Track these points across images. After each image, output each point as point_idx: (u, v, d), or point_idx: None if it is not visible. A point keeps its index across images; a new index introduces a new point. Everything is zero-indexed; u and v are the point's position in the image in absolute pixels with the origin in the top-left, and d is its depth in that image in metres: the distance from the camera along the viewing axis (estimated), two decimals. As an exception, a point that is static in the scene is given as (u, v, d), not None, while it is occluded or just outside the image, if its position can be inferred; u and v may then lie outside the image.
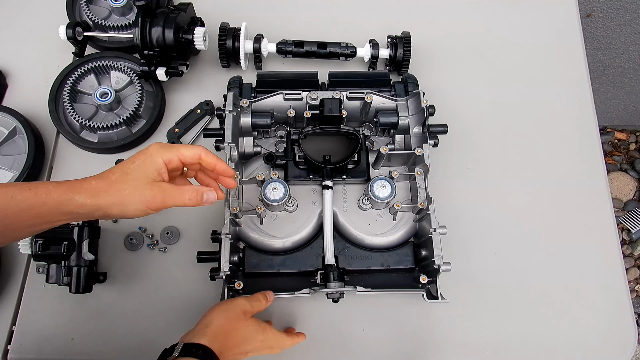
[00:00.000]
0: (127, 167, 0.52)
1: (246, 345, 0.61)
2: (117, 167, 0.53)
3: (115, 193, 0.50)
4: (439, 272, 0.66)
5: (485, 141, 0.86)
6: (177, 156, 0.54)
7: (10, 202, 0.48)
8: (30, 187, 0.49)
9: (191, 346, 0.55)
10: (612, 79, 1.63)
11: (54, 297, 0.75)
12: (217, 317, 0.59)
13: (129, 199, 0.51)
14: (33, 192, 0.49)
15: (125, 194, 0.51)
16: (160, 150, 0.53)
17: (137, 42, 0.76)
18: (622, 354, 0.75)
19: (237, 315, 0.60)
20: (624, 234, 1.82)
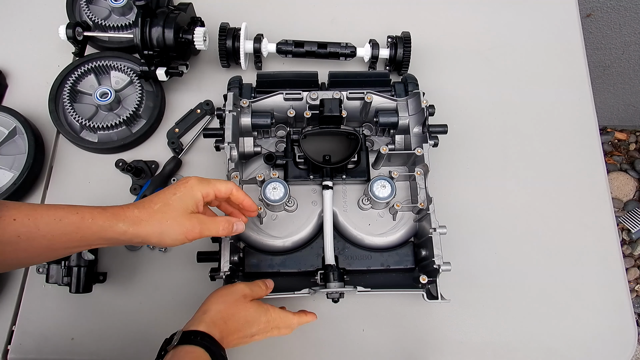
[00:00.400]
0: (168, 198, 0.54)
1: (249, 329, 0.60)
2: (158, 197, 0.55)
3: (156, 223, 0.53)
4: (439, 272, 0.66)
5: (485, 141, 0.86)
6: (213, 191, 0.58)
7: (58, 224, 0.50)
8: (77, 211, 0.51)
9: (189, 334, 0.55)
10: (612, 79, 1.63)
11: (54, 297, 0.75)
12: (215, 303, 0.60)
13: (169, 230, 0.54)
14: (80, 217, 0.50)
15: (167, 224, 0.54)
16: (199, 184, 0.57)
17: (137, 42, 0.76)
18: (622, 354, 0.75)
19: (236, 299, 0.60)
20: (624, 234, 1.82)
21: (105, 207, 0.53)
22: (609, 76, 1.62)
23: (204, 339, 0.55)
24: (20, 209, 0.49)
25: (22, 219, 0.48)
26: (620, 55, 1.51)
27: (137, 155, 0.83)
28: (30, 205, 0.50)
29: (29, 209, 0.49)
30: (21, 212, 0.48)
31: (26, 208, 0.49)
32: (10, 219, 0.48)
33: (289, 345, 0.73)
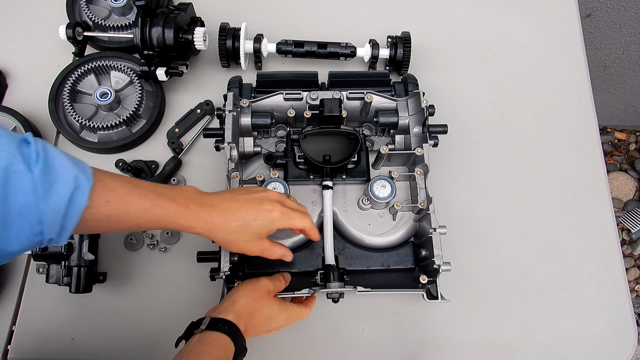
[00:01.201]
0: (249, 222, 0.58)
1: (269, 324, 0.63)
2: (240, 215, 0.57)
3: (229, 237, 0.57)
4: (439, 272, 0.66)
5: (485, 141, 0.86)
6: (290, 226, 0.61)
7: (145, 215, 0.53)
8: (163, 206, 0.53)
9: (218, 321, 0.58)
10: (612, 79, 1.63)
11: (54, 297, 0.75)
12: (243, 296, 0.62)
13: (238, 245, 0.59)
14: (165, 212, 0.53)
15: (238, 240, 0.58)
16: (280, 219, 0.59)
17: (137, 42, 0.76)
18: (622, 354, 0.75)
19: (262, 295, 0.62)
20: (624, 234, 1.82)
21: (188, 203, 0.55)
22: (609, 76, 1.62)
23: (231, 329, 0.57)
24: (115, 191, 0.51)
25: (114, 203, 0.50)
26: (620, 55, 1.51)
27: (137, 155, 0.83)
28: (124, 187, 0.52)
29: (123, 194, 0.51)
30: (115, 196, 0.51)
31: (120, 192, 0.51)
32: (104, 200, 0.50)
33: (289, 345, 0.73)
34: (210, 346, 0.55)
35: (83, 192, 0.47)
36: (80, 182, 0.47)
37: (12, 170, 0.42)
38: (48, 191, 0.44)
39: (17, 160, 0.43)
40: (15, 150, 0.43)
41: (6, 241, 0.43)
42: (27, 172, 0.43)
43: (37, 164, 0.44)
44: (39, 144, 0.45)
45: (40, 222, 0.44)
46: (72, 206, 0.46)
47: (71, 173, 0.46)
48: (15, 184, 0.43)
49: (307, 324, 0.73)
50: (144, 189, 0.53)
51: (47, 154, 0.45)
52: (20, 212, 0.43)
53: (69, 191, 0.45)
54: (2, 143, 0.43)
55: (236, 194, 0.59)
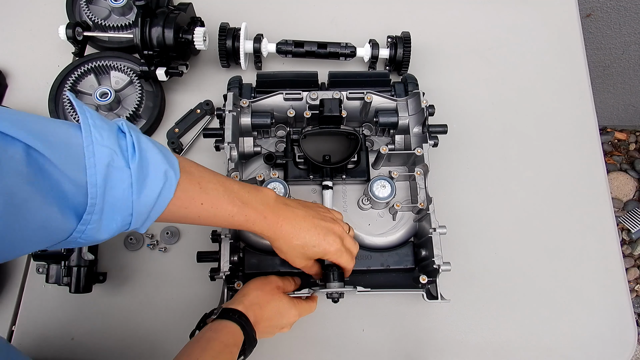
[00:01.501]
0: (308, 245, 0.60)
1: (280, 319, 0.64)
2: (303, 236, 0.60)
3: (286, 248, 0.60)
4: (438, 272, 0.66)
5: (485, 141, 0.86)
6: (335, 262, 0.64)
7: (229, 219, 0.56)
8: (246, 214, 0.56)
9: (229, 310, 0.60)
10: (612, 79, 1.63)
11: (54, 297, 0.75)
12: (254, 289, 0.64)
13: (288, 256, 0.62)
14: (245, 219, 0.56)
15: (292, 254, 0.61)
16: (333, 255, 0.62)
17: (137, 42, 0.76)
18: (622, 354, 0.75)
19: (271, 289, 0.65)
20: (624, 234, 1.82)
21: (266, 212, 0.58)
22: (609, 76, 1.62)
23: (241, 318, 0.59)
24: (209, 195, 0.53)
25: (207, 206, 0.53)
26: (620, 55, 1.51)
27: (137, 155, 0.82)
28: (217, 192, 0.54)
29: (215, 198, 0.54)
30: (209, 199, 0.53)
31: (213, 195, 0.54)
32: (199, 203, 0.52)
33: (289, 344, 0.73)
34: (220, 332, 0.57)
35: (171, 187, 0.49)
36: (169, 176, 0.48)
37: (114, 166, 0.44)
38: (142, 186, 0.46)
39: (118, 156, 0.45)
40: (115, 145, 0.45)
41: (98, 230, 0.45)
42: (126, 168, 0.45)
43: (134, 159, 0.46)
44: (132, 134, 0.47)
45: (131, 214, 0.47)
46: (159, 199, 0.48)
47: (162, 168, 0.48)
48: (115, 179, 0.44)
49: (307, 324, 0.73)
50: (233, 195, 0.55)
51: (141, 147, 0.47)
52: (115, 205, 0.45)
53: (159, 186, 0.48)
54: (104, 137, 0.44)
55: (308, 213, 0.61)
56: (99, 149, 0.43)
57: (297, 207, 0.61)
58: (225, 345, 0.56)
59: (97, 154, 0.43)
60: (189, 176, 0.52)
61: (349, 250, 0.63)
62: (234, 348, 0.57)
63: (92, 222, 0.44)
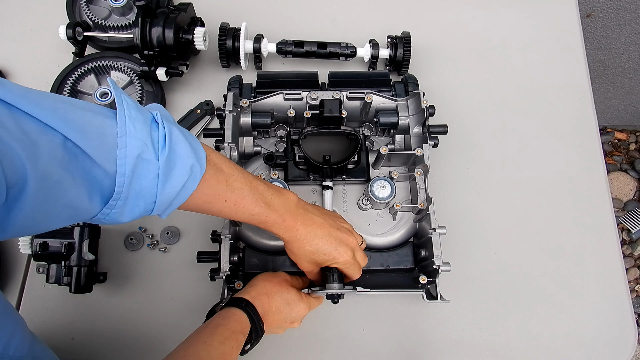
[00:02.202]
0: (319, 252, 0.61)
1: (289, 311, 0.64)
2: (316, 243, 0.61)
3: (298, 251, 0.62)
4: (438, 273, 0.66)
5: (485, 141, 0.86)
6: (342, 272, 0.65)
7: (249, 218, 0.57)
8: (267, 215, 0.57)
9: (236, 299, 0.62)
10: (612, 79, 1.63)
11: (54, 297, 0.75)
12: (262, 280, 0.65)
13: (298, 260, 0.64)
14: (265, 219, 0.58)
15: (302, 258, 0.63)
16: (341, 265, 0.63)
17: (137, 42, 0.76)
18: (622, 354, 0.75)
19: (279, 281, 0.65)
20: (624, 234, 1.82)
21: (286, 216, 0.59)
22: (609, 76, 1.62)
23: (248, 306, 0.61)
24: (234, 193, 0.55)
25: (230, 203, 0.55)
26: (620, 55, 1.51)
27: (137, 155, 0.83)
28: (242, 191, 0.55)
29: (240, 197, 0.55)
30: (233, 196, 0.55)
31: (238, 194, 0.55)
32: (222, 200, 0.54)
33: (289, 344, 0.73)
34: (227, 319, 0.58)
35: (195, 180, 0.50)
36: (194, 170, 0.50)
37: (143, 158, 0.46)
38: (167, 177, 0.47)
39: (148, 147, 0.46)
40: (147, 137, 0.46)
41: (121, 215, 0.47)
42: (155, 160, 0.47)
43: (163, 152, 0.47)
44: (165, 126, 0.48)
45: (154, 202, 0.48)
46: (182, 191, 0.49)
47: (189, 162, 0.49)
48: (142, 170, 0.46)
49: (307, 324, 0.73)
50: (257, 195, 0.57)
51: (172, 140, 0.48)
52: (140, 193, 0.47)
53: (184, 179, 0.49)
54: (137, 129, 0.46)
55: (326, 221, 0.62)
56: (131, 142, 0.45)
57: (315, 214, 0.62)
58: (232, 331, 0.57)
59: (128, 146, 0.45)
60: (218, 173, 0.53)
61: (357, 263, 0.65)
62: (240, 335, 0.58)
63: (116, 207, 0.46)
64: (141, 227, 0.78)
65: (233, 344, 0.56)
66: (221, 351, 0.55)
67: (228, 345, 0.56)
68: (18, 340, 0.46)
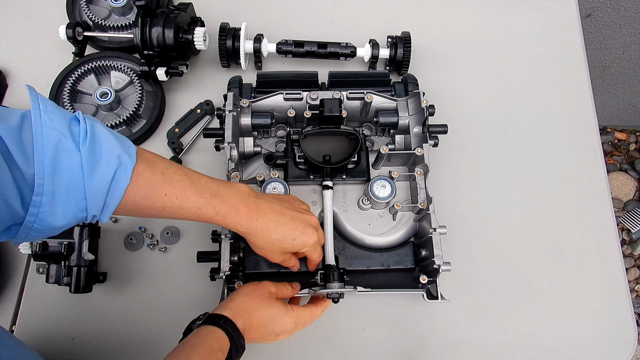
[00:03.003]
0: (287, 239, 0.60)
1: (273, 326, 0.62)
2: (282, 230, 0.59)
3: (264, 244, 0.60)
4: (439, 272, 0.66)
5: (485, 141, 0.86)
6: (309, 256, 0.65)
7: (196, 212, 0.55)
8: (214, 206, 0.55)
9: (214, 316, 0.59)
10: (612, 79, 1.63)
11: (54, 297, 0.75)
12: (241, 294, 0.62)
13: (266, 253, 0.62)
14: (215, 212, 0.55)
15: (270, 249, 0.62)
16: (310, 248, 0.62)
17: (137, 42, 0.76)
18: (622, 354, 0.75)
19: (261, 294, 0.62)
20: (624, 234, 1.82)
21: (238, 205, 0.57)
22: (609, 76, 1.62)
23: (227, 323, 0.58)
24: (174, 186, 0.53)
25: (171, 197, 0.53)
26: (620, 55, 1.51)
27: (137, 155, 0.82)
28: (183, 183, 0.54)
29: (181, 189, 0.53)
30: (174, 190, 0.53)
31: (179, 187, 0.53)
32: (162, 193, 0.52)
33: (289, 345, 0.73)
34: (204, 337, 0.56)
35: (126, 171, 0.49)
36: (123, 160, 0.48)
37: (62, 148, 0.45)
38: (93, 168, 0.46)
39: (67, 138, 0.45)
40: (66, 129, 0.46)
41: (53, 215, 0.45)
42: (76, 150, 0.46)
43: (85, 142, 0.46)
44: (87, 122, 0.47)
45: (85, 198, 0.47)
46: (115, 184, 0.48)
47: (115, 152, 0.48)
48: (64, 161, 0.45)
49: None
50: (201, 186, 0.55)
51: (94, 132, 0.47)
52: (68, 188, 0.46)
53: (112, 169, 0.47)
54: (54, 122, 0.45)
55: (284, 207, 0.61)
56: (47, 132, 0.44)
57: (272, 201, 0.60)
58: (210, 350, 0.54)
59: (45, 136, 0.44)
60: (152, 166, 0.52)
61: (320, 243, 0.64)
62: (219, 353, 0.55)
63: (43, 205, 0.44)
64: (141, 227, 0.78)
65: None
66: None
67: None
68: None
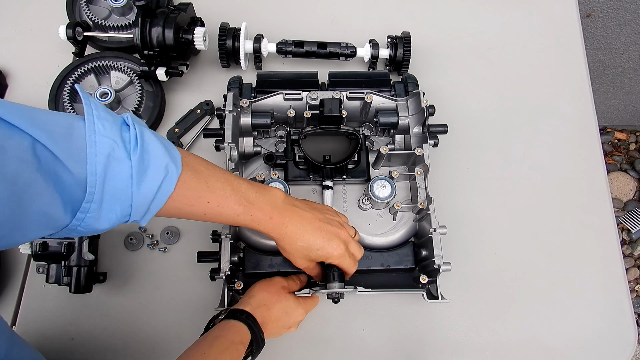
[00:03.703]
0: (312, 248, 0.61)
1: (288, 319, 0.65)
2: (308, 239, 0.60)
3: (290, 248, 0.61)
4: (439, 272, 0.66)
5: (485, 141, 0.86)
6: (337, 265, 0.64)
7: (235, 218, 0.56)
8: (251, 214, 0.56)
9: (236, 311, 0.61)
10: (612, 79, 1.63)
11: (54, 297, 0.75)
12: (260, 291, 0.65)
13: (291, 257, 0.63)
14: (251, 219, 0.57)
15: (295, 254, 0.62)
16: (336, 259, 0.62)
17: (137, 42, 0.76)
18: (622, 354, 0.75)
19: (277, 290, 0.65)
20: (624, 234, 1.82)
21: (273, 213, 0.58)
22: (609, 76, 1.62)
23: (249, 318, 0.60)
24: (216, 194, 0.54)
25: (213, 205, 0.54)
26: (620, 55, 1.51)
27: (137, 155, 0.82)
28: (224, 191, 0.55)
29: (221, 198, 0.54)
30: (216, 198, 0.54)
31: (220, 195, 0.54)
32: (205, 201, 0.53)
33: (289, 344, 0.73)
34: (227, 331, 0.58)
35: (172, 181, 0.49)
36: (170, 170, 0.49)
37: (114, 157, 0.45)
38: (141, 177, 0.47)
39: (119, 147, 0.45)
40: (117, 136, 0.46)
41: (98, 220, 0.46)
42: (127, 159, 0.46)
43: (135, 151, 0.46)
44: (137, 127, 0.47)
45: (131, 206, 0.47)
46: (159, 192, 0.48)
47: (163, 161, 0.48)
48: (115, 170, 0.45)
49: (307, 324, 0.73)
50: (240, 195, 0.56)
51: (144, 140, 0.47)
52: (115, 196, 0.46)
53: (160, 179, 0.48)
54: (107, 128, 0.45)
55: (314, 216, 0.61)
56: (101, 139, 0.44)
57: (304, 209, 0.61)
58: (231, 342, 0.57)
59: (98, 144, 0.44)
60: (197, 174, 0.52)
61: (352, 255, 0.64)
62: (240, 346, 0.57)
63: (91, 211, 0.45)
64: (141, 227, 0.78)
65: (233, 354, 0.56)
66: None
67: (227, 356, 0.55)
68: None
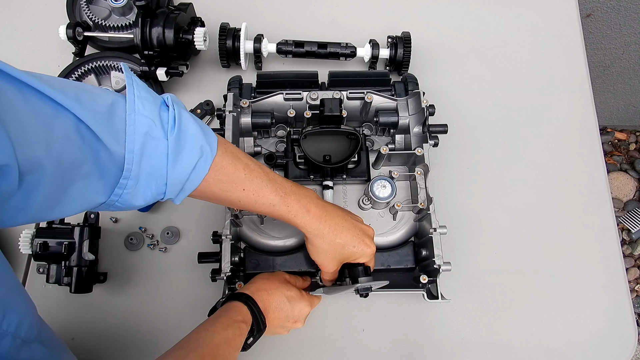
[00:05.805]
0: (348, 245, 0.61)
1: (292, 309, 0.64)
2: (345, 236, 0.60)
3: (327, 247, 0.61)
4: (439, 272, 0.66)
5: (485, 141, 0.86)
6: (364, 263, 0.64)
7: (270, 208, 0.57)
8: (288, 205, 0.57)
9: (236, 294, 0.62)
10: (612, 79, 1.63)
11: (54, 297, 0.75)
12: (260, 278, 0.65)
13: (325, 258, 0.63)
14: (287, 210, 0.57)
15: (330, 255, 0.62)
16: (367, 258, 0.63)
17: (137, 42, 0.76)
18: (622, 354, 0.75)
19: (279, 279, 0.65)
20: (624, 234, 1.82)
21: (310, 206, 0.58)
22: (609, 76, 1.62)
23: (248, 299, 0.61)
24: (253, 182, 0.55)
25: (248, 192, 0.55)
26: (620, 55, 1.51)
27: (137, 155, 0.83)
28: (261, 180, 0.55)
29: (258, 187, 0.55)
30: (252, 186, 0.55)
31: (257, 183, 0.55)
32: (240, 188, 0.54)
33: (289, 344, 0.73)
34: (228, 311, 0.59)
35: (206, 162, 0.50)
36: (204, 152, 0.50)
37: (151, 136, 0.46)
38: (177, 157, 0.48)
39: (157, 126, 0.47)
40: (156, 116, 0.47)
41: (134, 197, 0.48)
42: (164, 139, 0.47)
43: (172, 132, 0.47)
44: (175, 108, 0.49)
45: (166, 184, 0.49)
46: (194, 173, 0.50)
47: (198, 142, 0.49)
48: (152, 148, 0.47)
49: (307, 324, 0.73)
50: (277, 185, 0.57)
51: (181, 121, 0.49)
52: (151, 173, 0.47)
53: (194, 160, 0.49)
54: (146, 108, 0.47)
55: (346, 215, 0.62)
56: (139, 118, 0.46)
57: (337, 207, 0.62)
58: (233, 320, 0.57)
59: (137, 123, 0.45)
60: (235, 160, 0.53)
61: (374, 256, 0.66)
62: (242, 324, 0.58)
63: (128, 187, 0.47)
64: (141, 227, 0.78)
65: (236, 331, 0.57)
66: (224, 336, 0.55)
67: (231, 332, 0.56)
68: (29, 322, 0.46)
